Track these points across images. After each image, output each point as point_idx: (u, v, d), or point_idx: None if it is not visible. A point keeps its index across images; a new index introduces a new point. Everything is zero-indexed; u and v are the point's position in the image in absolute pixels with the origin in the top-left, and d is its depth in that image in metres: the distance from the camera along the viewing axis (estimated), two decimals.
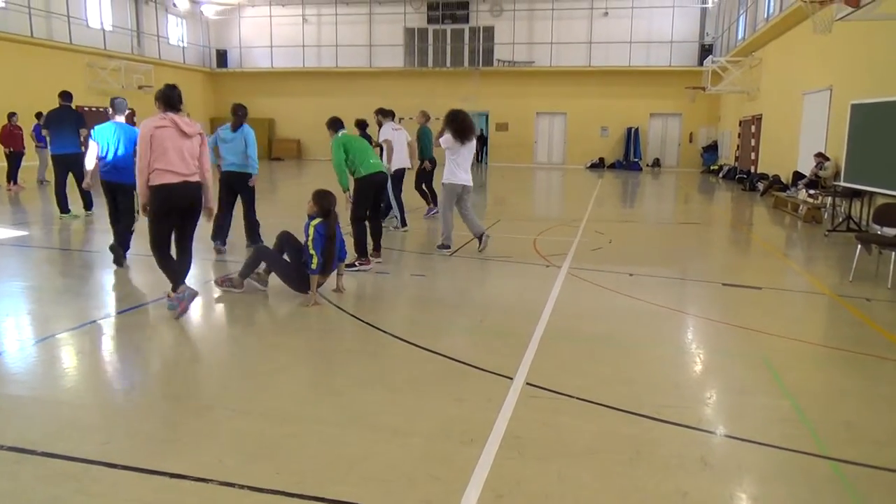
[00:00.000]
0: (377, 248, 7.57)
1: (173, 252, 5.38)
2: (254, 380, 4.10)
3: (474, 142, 8.14)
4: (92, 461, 2.99)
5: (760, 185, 17.25)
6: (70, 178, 10.52)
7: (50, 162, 11.19)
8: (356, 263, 7.17)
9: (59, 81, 21.04)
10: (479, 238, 8.22)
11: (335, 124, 7.48)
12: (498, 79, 29.78)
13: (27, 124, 16.03)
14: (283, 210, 11.02)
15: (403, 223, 9.97)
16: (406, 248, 8.56)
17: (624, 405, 3.68)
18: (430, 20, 30.43)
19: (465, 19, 30.08)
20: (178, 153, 5.10)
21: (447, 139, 7.93)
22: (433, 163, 11.09)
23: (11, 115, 15.25)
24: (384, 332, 4.97)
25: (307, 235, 5.62)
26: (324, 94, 29.97)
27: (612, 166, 28.99)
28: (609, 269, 7.39)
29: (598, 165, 29.19)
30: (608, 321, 5.50)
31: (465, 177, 8.04)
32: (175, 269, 5.29)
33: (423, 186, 11.27)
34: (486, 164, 30.78)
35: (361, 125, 9.63)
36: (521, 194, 18.58)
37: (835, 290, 6.69)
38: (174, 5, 30.02)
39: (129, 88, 25.71)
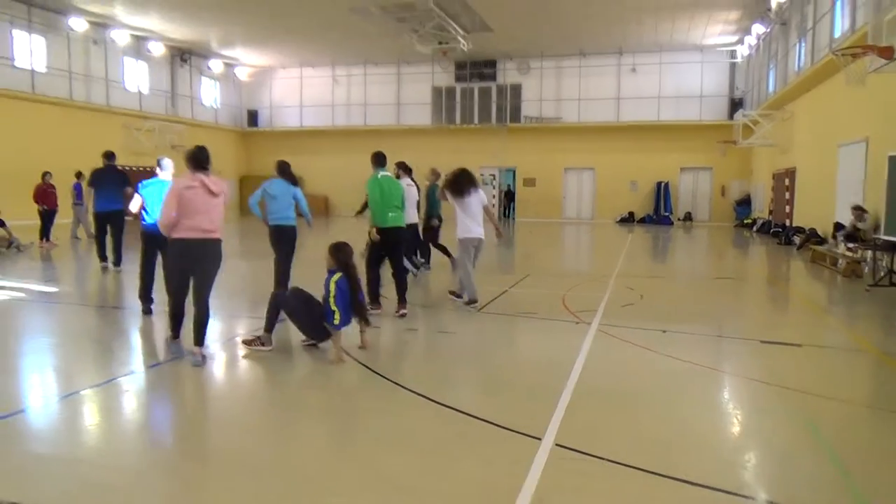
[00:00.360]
0: (402, 301, 7.57)
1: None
2: (276, 439, 4.02)
3: (481, 192, 8.20)
4: None
5: (797, 239, 16.91)
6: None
7: (91, 218, 11.55)
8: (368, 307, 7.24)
9: (96, 142, 22.01)
10: (460, 295, 8.25)
11: (378, 160, 7.75)
12: (525, 135, 30.12)
13: (62, 183, 16.55)
14: (309, 267, 11.05)
15: (415, 266, 10.28)
16: (433, 305, 8.50)
17: (659, 468, 3.50)
18: (457, 79, 31.11)
19: (493, 77, 30.68)
20: (206, 212, 5.38)
21: (451, 199, 8.12)
22: (440, 220, 11.12)
23: (45, 174, 15.75)
24: (410, 390, 4.86)
25: (328, 291, 5.55)
26: (352, 151, 30.51)
27: (643, 221, 28.81)
28: (641, 325, 7.21)
29: (628, 220, 29.04)
30: (640, 380, 5.32)
31: (477, 230, 8.05)
32: (180, 319, 5.73)
33: (432, 244, 11.37)
34: (514, 219, 30.85)
35: None
36: (550, 249, 18.48)
37: (880, 348, 6.41)
38: (209, 68, 31.20)
39: (163, 148, 26.56)
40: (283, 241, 8.05)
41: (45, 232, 15.21)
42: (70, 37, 23.70)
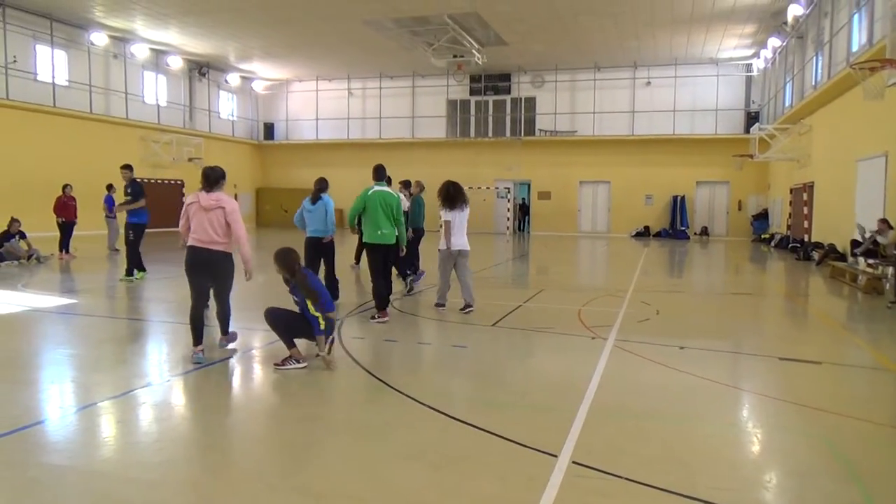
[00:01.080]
0: (382, 307, 8.12)
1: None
2: (290, 453, 4.02)
3: (466, 210, 8.82)
4: None
5: (815, 255, 16.73)
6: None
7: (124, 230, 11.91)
8: (376, 316, 7.94)
9: (115, 154, 22.52)
10: (465, 306, 8.64)
11: (377, 173, 8.31)
12: (540, 148, 30.13)
13: (82, 196, 16.78)
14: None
15: (406, 282, 10.60)
16: (448, 319, 8.48)
17: (676, 487, 3.46)
18: (472, 92, 31.23)
19: (507, 90, 30.77)
20: (201, 224, 6.01)
21: (444, 212, 8.66)
22: (416, 233, 11.18)
23: (65, 187, 15.97)
24: (423, 404, 4.84)
25: (304, 301, 5.68)
26: (367, 164, 30.00)
27: (658, 235, 28.68)
28: (657, 341, 7.14)
29: (644, 234, 28.91)
30: (658, 397, 5.26)
31: (460, 241, 8.69)
32: (198, 327, 6.02)
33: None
34: (529, 232, 30.81)
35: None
36: (565, 263, 18.42)
37: None
38: (226, 82, 31.57)
39: (180, 161, 26.89)
40: (322, 252, 8.83)
41: (63, 244, 15.36)
42: (91, 51, 24.09)
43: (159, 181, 26.13)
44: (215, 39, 25.40)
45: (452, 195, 8.71)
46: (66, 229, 15.54)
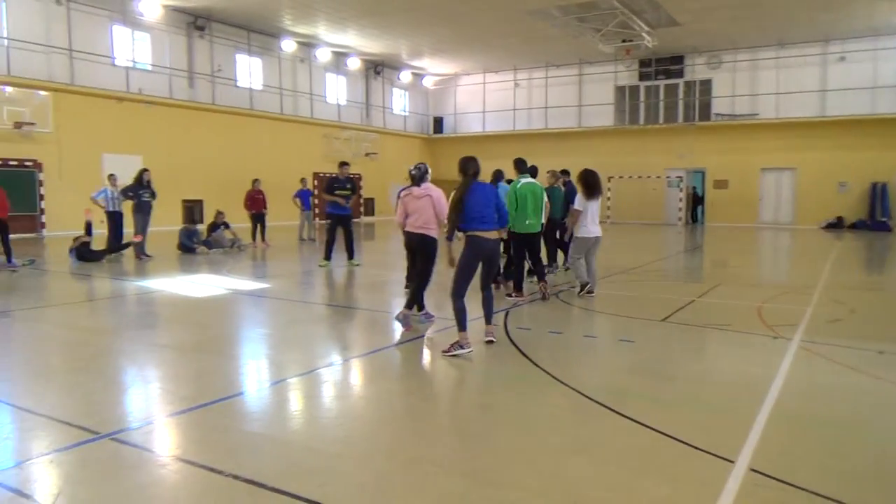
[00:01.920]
0: (541, 282, 8.84)
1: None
2: (461, 438, 4.18)
3: (599, 200, 9.18)
4: (312, 502, 3.20)
5: None
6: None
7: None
8: (512, 294, 8.74)
9: (301, 151, 24.70)
10: (584, 286, 9.09)
11: (521, 165, 9.07)
12: (716, 133, 28.33)
13: (273, 190, 18.41)
14: None
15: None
16: (611, 312, 8.30)
17: None
18: (641, 77, 30.04)
19: (680, 73, 29.24)
20: (415, 211, 7.34)
21: (578, 200, 9.05)
22: (551, 223, 10.93)
23: (255, 181, 17.42)
24: (591, 399, 4.80)
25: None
26: (533, 154, 29.71)
27: (854, 226, 25.84)
28: (851, 343, 6.50)
29: (836, 225, 26.19)
30: (850, 405, 4.80)
31: (594, 229, 9.08)
32: (413, 292, 7.24)
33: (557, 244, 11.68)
34: (703, 223, 29.14)
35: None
36: (744, 256, 17.21)
37: None
38: (398, 79, 33.02)
39: (358, 156, 28.63)
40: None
41: (257, 234, 16.86)
42: (281, 57, 26.39)
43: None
44: (389, 39, 26.64)
45: (592, 184, 9.00)
46: (258, 220, 17.03)
